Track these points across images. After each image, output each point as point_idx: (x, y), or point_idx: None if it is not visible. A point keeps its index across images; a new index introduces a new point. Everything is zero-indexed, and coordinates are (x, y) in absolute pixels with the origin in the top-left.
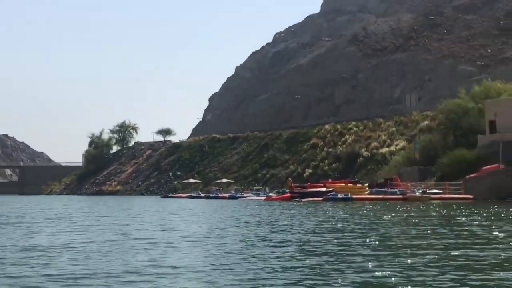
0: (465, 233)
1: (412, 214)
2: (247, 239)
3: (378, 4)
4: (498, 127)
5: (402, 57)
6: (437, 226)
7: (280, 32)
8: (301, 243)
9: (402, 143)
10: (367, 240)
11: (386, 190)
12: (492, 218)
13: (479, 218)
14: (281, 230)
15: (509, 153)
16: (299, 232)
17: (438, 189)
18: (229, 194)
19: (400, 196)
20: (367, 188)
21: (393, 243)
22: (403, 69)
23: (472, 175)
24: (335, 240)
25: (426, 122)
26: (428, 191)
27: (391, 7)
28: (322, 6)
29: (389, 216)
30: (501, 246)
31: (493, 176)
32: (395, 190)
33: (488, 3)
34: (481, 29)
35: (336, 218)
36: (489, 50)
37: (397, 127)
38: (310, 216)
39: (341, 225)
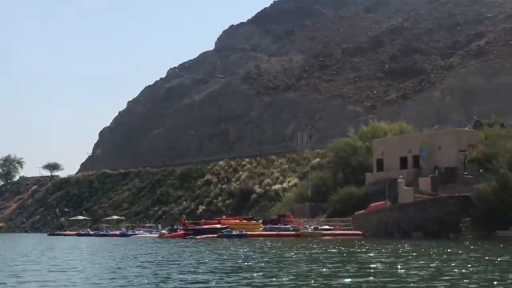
0: (374, 269)
1: (313, 251)
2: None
3: (270, 44)
4: (385, 165)
5: (293, 96)
6: (343, 263)
7: (174, 67)
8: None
9: (294, 180)
10: (284, 279)
11: (280, 226)
12: (390, 254)
13: (378, 254)
14: (191, 271)
15: (395, 190)
16: (213, 271)
17: (329, 225)
18: (120, 231)
19: (293, 232)
20: (261, 225)
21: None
22: (295, 108)
23: (360, 212)
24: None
25: (317, 159)
26: (319, 227)
27: (283, 47)
28: (216, 43)
29: (291, 254)
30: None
31: (380, 212)
32: (288, 226)
33: (374, 47)
34: (368, 71)
35: (242, 256)
36: (375, 92)
37: (290, 164)
38: (213, 254)
39: (251, 263)
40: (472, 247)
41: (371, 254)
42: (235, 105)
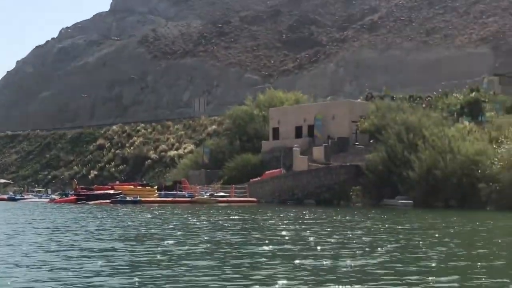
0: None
1: (217, 218)
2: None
3: (168, 8)
4: (281, 134)
5: (191, 62)
6: (249, 231)
7: (67, 27)
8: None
9: (190, 147)
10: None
11: (175, 193)
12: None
13: (282, 221)
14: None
15: (290, 158)
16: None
17: (225, 192)
18: (7, 195)
19: (189, 199)
20: (156, 191)
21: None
22: (192, 74)
23: (256, 179)
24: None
25: (214, 126)
26: (215, 194)
27: (181, 12)
28: (111, 4)
29: (195, 221)
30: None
31: (275, 180)
32: (184, 193)
33: (272, 16)
34: (266, 40)
35: (144, 222)
36: (272, 61)
37: (186, 130)
38: (113, 221)
39: (157, 230)
40: (371, 215)
41: (274, 222)
42: (130, 69)
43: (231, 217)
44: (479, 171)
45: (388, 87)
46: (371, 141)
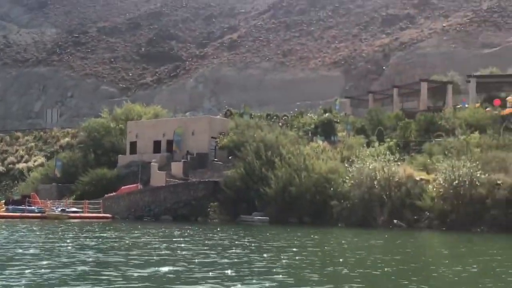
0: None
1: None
2: None
3: (21, 14)
4: (138, 148)
5: (44, 71)
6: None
7: None
8: None
9: (41, 159)
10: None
11: (24, 207)
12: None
13: (156, 239)
14: None
15: (147, 173)
16: None
17: (78, 208)
18: None
19: (39, 214)
20: (3, 205)
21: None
22: (45, 83)
23: (111, 194)
24: None
25: (67, 139)
26: (67, 209)
27: (35, 19)
28: None
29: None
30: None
31: (131, 195)
32: (33, 207)
33: (131, 29)
34: (124, 53)
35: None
36: (130, 74)
37: (36, 142)
38: None
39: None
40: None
41: (146, 239)
42: None
43: (97, 235)
44: (332, 189)
45: (246, 105)
46: (230, 157)
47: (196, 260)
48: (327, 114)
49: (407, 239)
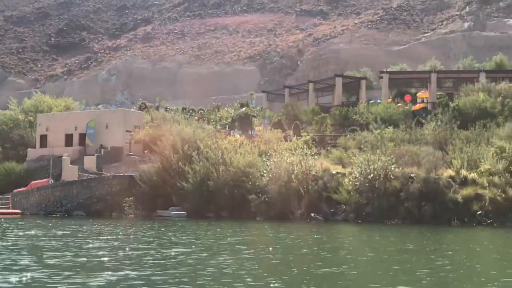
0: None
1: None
2: None
3: None
4: (49, 142)
5: None
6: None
7: None
8: None
9: None
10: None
11: None
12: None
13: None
14: None
15: (59, 168)
16: None
17: None
18: None
19: None
20: None
21: None
22: None
23: (20, 189)
24: None
25: None
26: None
27: None
28: None
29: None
30: None
31: (41, 190)
32: None
33: (40, 19)
34: (33, 43)
35: None
36: (39, 65)
37: None
38: None
39: None
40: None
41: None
42: None
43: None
44: (250, 183)
45: (161, 98)
46: (145, 151)
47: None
48: (244, 108)
49: (307, 232)
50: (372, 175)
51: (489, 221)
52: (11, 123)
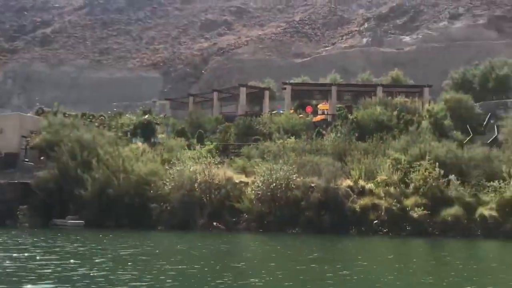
0: None
1: None
2: None
3: None
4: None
5: None
6: None
7: None
8: None
9: None
10: None
11: None
12: None
13: None
14: None
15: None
16: None
17: None
18: None
19: None
20: None
21: None
22: None
23: None
24: None
25: None
26: None
27: None
28: None
29: None
30: None
31: None
32: None
33: None
34: None
35: None
36: None
37: None
38: None
39: None
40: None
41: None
42: None
43: None
44: (151, 191)
45: (59, 103)
46: (42, 158)
47: None
48: (147, 116)
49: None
50: (274, 184)
51: (385, 230)
52: None
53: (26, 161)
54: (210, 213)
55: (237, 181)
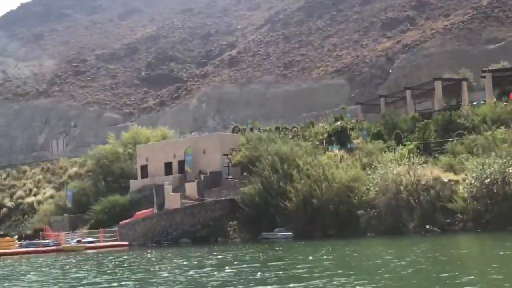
0: None
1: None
2: None
3: (18, 48)
4: (149, 172)
5: (46, 102)
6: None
7: None
8: None
9: (50, 191)
10: None
11: (38, 242)
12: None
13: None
14: None
15: (161, 197)
16: None
17: (93, 237)
18: None
19: (54, 247)
20: (16, 242)
21: None
22: (47, 115)
23: (125, 221)
24: None
25: (75, 168)
26: (83, 240)
27: (32, 52)
28: None
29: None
30: None
31: (147, 221)
32: (48, 241)
33: (130, 54)
34: (124, 78)
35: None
36: (132, 99)
37: (44, 174)
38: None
39: None
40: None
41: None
42: None
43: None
44: (356, 198)
45: (253, 119)
46: (244, 173)
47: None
48: (339, 122)
49: (447, 244)
50: (488, 180)
51: None
52: (111, 156)
53: (229, 178)
54: (420, 216)
55: (445, 179)
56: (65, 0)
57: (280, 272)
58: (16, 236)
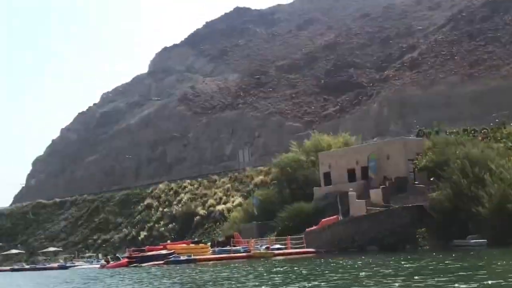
0: None
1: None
2: None
3: (205, 64)
4: (332, 179)
5: (231, 114)
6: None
7: (108, 92)
8: None
9: (238, 199)
10: None
11: (230, 248)
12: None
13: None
14: None
15: (345, 204)
16: None
17: (280, 244)
18: (58, 264)
19: (245, 254)
20: (209, 248)
21: None
22: (233, 126)
23: (312, 228)
24: None
25: (260, 177)
26: (271, 247)
27: (218, 67)
28: (149, 66)
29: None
30: None
31: (332, 228)
32: (239, 247)
33: (309, 63)
34: (304, 87)
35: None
36: (312, 107)
37: (232, 183)
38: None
39: None
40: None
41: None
42: (172, 127)
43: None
44: None
45: (438, 122)
46: (431, 179)
47: None
48: None
49: None
50: None
51: None
52: (294, 164)
53: (416, 183)
54: None
55: None
56: (246, 16)
57: None
58: (209, 243)
